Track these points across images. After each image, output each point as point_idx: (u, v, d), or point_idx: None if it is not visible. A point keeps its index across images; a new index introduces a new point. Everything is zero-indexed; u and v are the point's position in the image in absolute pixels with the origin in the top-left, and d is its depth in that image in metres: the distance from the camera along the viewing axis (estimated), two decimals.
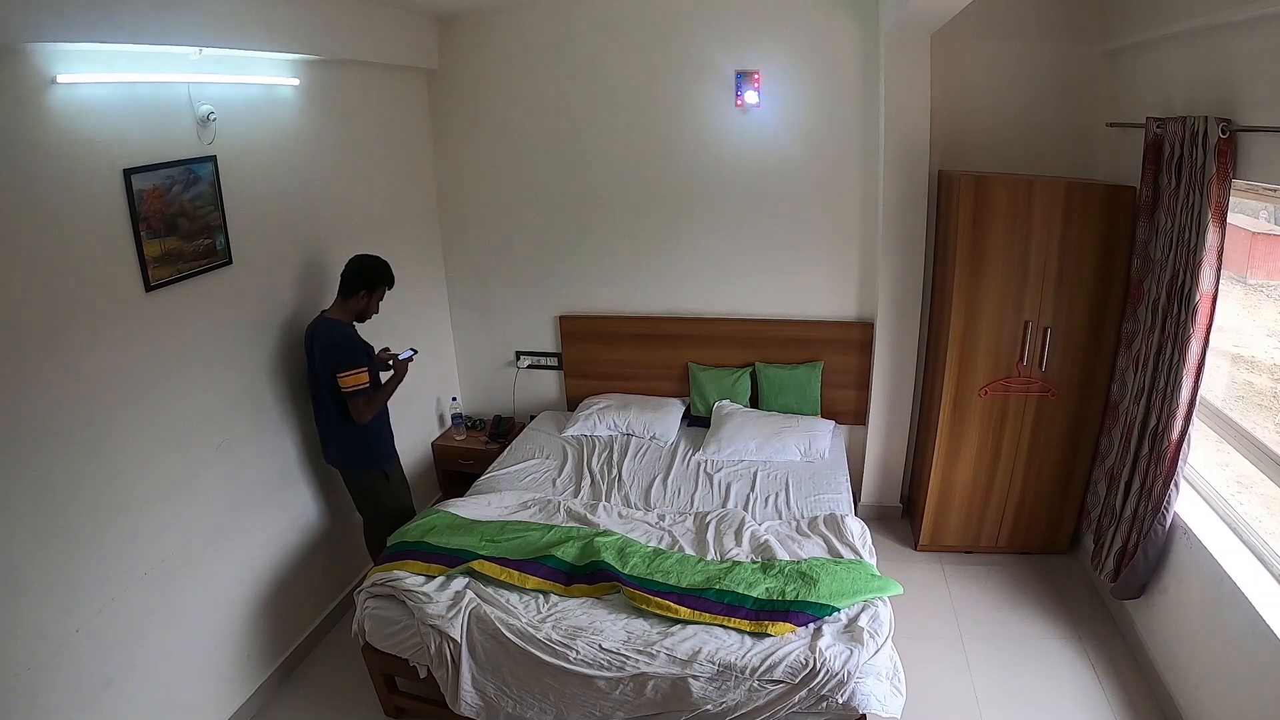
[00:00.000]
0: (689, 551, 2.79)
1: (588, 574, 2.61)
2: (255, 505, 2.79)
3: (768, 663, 2.25)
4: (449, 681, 2.43)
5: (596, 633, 2.37)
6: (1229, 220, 2.37)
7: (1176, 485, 2.58)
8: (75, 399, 2.06)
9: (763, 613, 2.41)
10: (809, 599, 2.43)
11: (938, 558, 3.62)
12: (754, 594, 2.48)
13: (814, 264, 3.79)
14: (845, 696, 2.22)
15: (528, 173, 3.91)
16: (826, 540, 2.84)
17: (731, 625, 2.38)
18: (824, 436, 3.65)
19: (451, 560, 2.65)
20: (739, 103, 3.57)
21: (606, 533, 2.84)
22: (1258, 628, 2.16)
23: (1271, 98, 2.18)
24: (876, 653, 2.29)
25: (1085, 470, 3.35)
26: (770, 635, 2.34)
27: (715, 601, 2.46)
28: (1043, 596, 3.30)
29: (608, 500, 3.24)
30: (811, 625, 2.37)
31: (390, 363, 3.03)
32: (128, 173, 2.15)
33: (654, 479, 3.41)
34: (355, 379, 2.75)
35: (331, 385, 2.77)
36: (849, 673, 2.22)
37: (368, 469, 3.01)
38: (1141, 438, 2.75)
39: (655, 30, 3.58)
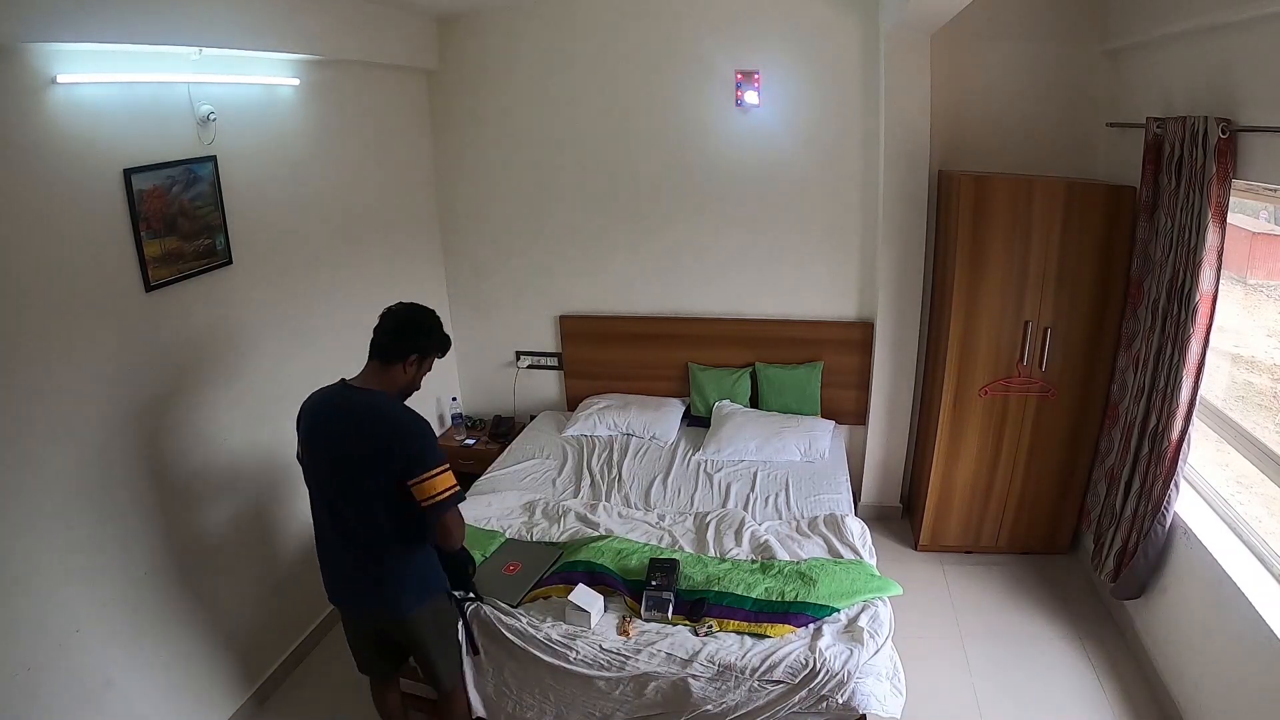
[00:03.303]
0: (689, 551, 2.79)
1: (587, 574, 2.61)
2: (255, 504, 2.79)
3: (768, 663, 2.25)
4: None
5: (597, 633, 2.37)
6: (1229, 220, 2.37)
7: (1176, 485, 2.58)
8: (75, 398, 2.06)
9: (762, 614, 2.41)
10: (808, 600, 2.43)
11: (938, 558, 3.62)
12: (753, 595, 2.48)
13: (814, 264, 3.79)
14: (845, 696, 2.22)
15: (528, 173, 3.91)
16: (826, 540, 2.84)
17: (730, 628, 2.38)
18: (824, 436, 3.65)
19: None
20: (739, 102, 3.57)
21: (605, 536, 2.84)
22: (1258, 628, 2.16)
23: (1271, 98, 2.18)
24: (876, 653, 2.28)
25: (1085, 470, 3.35)
26: (769, 636, 2.34)
27: (714, 604, 2.46)
28: (1043, 596, 3.30)
29: (608, 500, 3.24)
30: (811, 625, 2.37)
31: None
32: (128, 173, 2.15)
33: (654, 479, 3.41)
34: (444, 480, 1.89)
35: (389, 496, 1.91)
36: (849, 673, 2.21)
37: (443, 591, 2.18)
38: (1141, 438, 2.75)
39: (655, 30, 3.58)
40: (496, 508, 3.08)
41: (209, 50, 2.33)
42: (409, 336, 1.99)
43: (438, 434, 4.15)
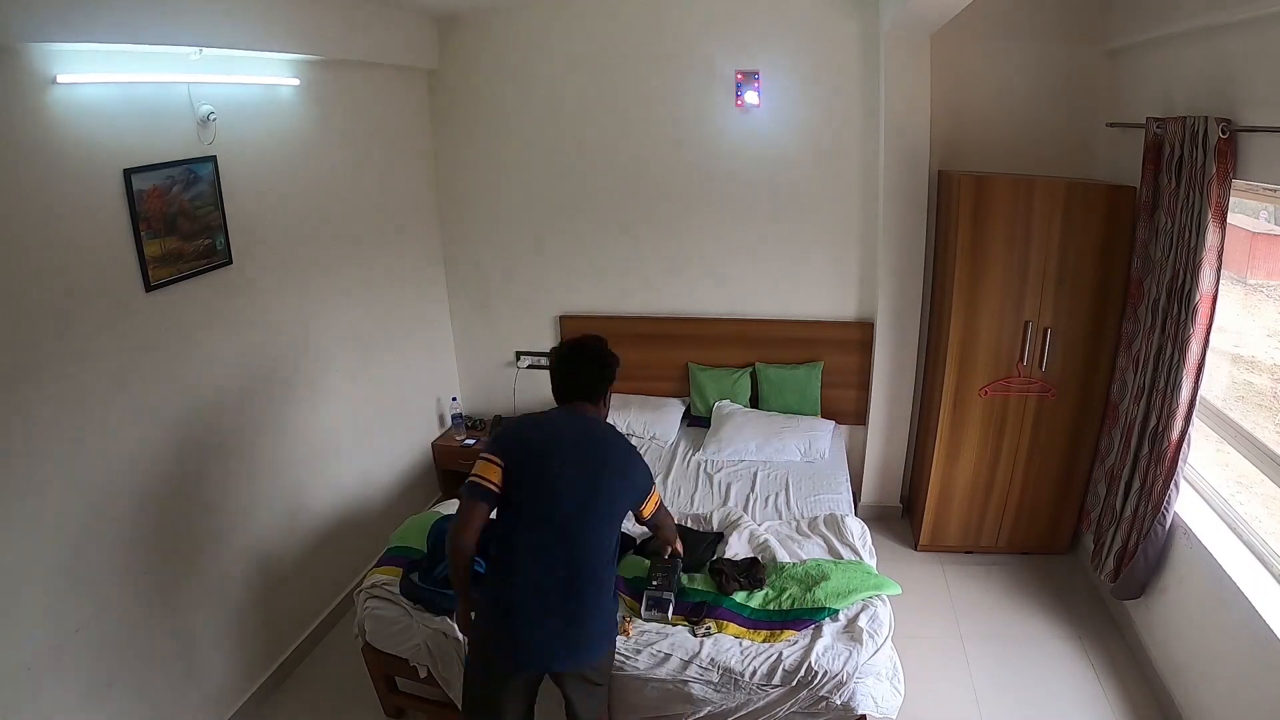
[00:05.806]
0: None
1: None
2: (254, 505, 2.79)
3: (767, 664, 2.25)
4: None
5: None
6: (1229, 220, 2.37)
7: (1176, 485, 2.58)
8: (75, 399, 2.06)
9: (760, 623, 2.41)
10: (805, 606, 2.42)
11: (938, 558, 3.62)
12: (751, 604, 2.47)
13: (814, 264, 3.79)
14: (845, 697, 2.22)
15: (528, 172, 3.91)
16: (826, 540, 2.84)
17: (730, 630, 2.38)
18: (824, 436, 3.65)
19: None
20: (739, 103, 3.57)
21: None
22: (1257, 628, 2.16)
23: (1271, 98, 2.18)
24: (876, 653, 2.28)
25: (1085, 470, 3.35)
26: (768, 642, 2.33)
27: (714, 606, 2.46)
28: (1043, 596, 3.30)
29: None
30: (810, 626, 2.37)
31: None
32: (128, 173, 2.15)
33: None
34: (657, 494, 2.19)
35: (620, 521, 2.08)
36: (848, 674, 2.21)
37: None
38: (1141, 438, 2.75)
39: (655, 30, 3.58)
40: None
41: (209, 50, 2.32)
42: (608, 370, 2.12)
43: (437, 434, 4.16)
